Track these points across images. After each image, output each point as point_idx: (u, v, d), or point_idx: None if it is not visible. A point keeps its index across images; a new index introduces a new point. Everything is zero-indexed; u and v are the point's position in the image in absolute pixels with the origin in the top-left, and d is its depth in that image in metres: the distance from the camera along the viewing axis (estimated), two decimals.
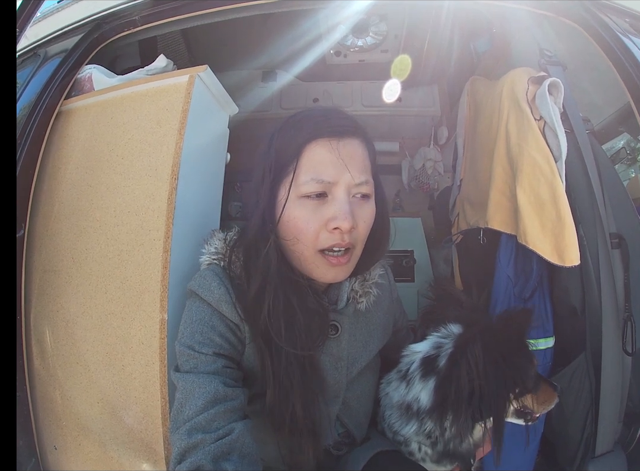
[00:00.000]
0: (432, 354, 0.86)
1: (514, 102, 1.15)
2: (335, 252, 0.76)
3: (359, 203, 0.77)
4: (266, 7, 1.22)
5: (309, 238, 0.74)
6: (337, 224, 0.72)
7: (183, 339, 0.75)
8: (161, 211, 0.98)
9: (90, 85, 1.20)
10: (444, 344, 0.86)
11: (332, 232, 0.74)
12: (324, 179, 0.73)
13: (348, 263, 0.78)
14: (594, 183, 1.05)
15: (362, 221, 0.77)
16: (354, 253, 0.78)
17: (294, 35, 1.68)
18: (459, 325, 0.88)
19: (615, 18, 1.17)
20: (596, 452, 1.04)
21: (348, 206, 0.73)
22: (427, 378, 0.85)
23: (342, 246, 0.75)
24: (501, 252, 1.22)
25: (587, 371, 1.07)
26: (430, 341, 0.89)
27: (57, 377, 1.05)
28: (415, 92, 2.32)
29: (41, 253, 1.11)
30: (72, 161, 1.13)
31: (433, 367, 0.84)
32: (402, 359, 0.93)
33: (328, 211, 0.74)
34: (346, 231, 0.73)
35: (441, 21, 1.65)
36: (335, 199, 0.74)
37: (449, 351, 0.83)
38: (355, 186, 0.75)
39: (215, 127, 1.22)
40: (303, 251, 0.76)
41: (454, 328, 0.88)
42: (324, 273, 0.77)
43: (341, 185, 0.74)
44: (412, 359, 0.90)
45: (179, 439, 0.66)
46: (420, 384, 0.85)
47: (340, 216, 0.72)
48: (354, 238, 0.76)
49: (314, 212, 0.74)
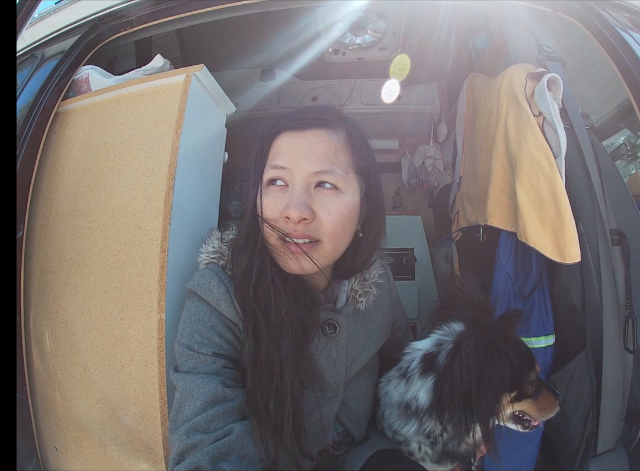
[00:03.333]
0: (433, 351, 0.86)
1: (513, 98, 1.14)
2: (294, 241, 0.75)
3: (323, 195, 0.75)
4: (262, 6, 1.22)
5: (271, 225, 0.75)
6: (286, 213, 0.73)
7: (182, 340, 0.75)
8: (158, 211, 0.98)
9: (87, 86, 1.20)
10: (445, 342, 0.85)
11: (285, 221, 0.74)
12: (277, 164, 0.75)
13: (311, 253, 0.76)
14: (593, 179, 1.05)
15: (326, 214, 0.74)
16: (320, 246, 0.76)
17: (292, 34, 1.67)
18: (462, 323, 0.88)
19: (614, 13, 1.17)
20: (597, 450, 1.03)
21: (301, 196, 0.73)
22: (426, 375, 0.84)
23: (295, 236, 0.74)
24: (501, 249, 1.21)
25: (588, 369, 1.07)
26: (432, 339, 0.89)
27: (57, 378, 1.05)
28: (415, 90, 2.31)
29: (40, 254, 1.11)
30: (70, 161, 1.14)
31: (432, 364, 0.84)
32: (403, 357, 0.93)
33: (285, 199, 0.74)
34: (295, 221, 0.72)
35: (439, 18, 1.64)
36: (292, 188, 0.75)
37: (449, 347, 0.83)
38: (314, 174, 0.74)
39: (213, 126, 1.22)
40: (268, 238, 0.76)
41: (456, 326, 0.88)
42: (286, 261, 0.76)
43: (297, 173, 0.74)
44: (413, 356, 0.89)
45: (177, 439, 0.66)
46: (419, 381, 0.85)
47: (290, 205, 0.73)
48: (314, 230, 0.75)
49: (275, 199, 0.76)
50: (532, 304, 1.15)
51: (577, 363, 1.09)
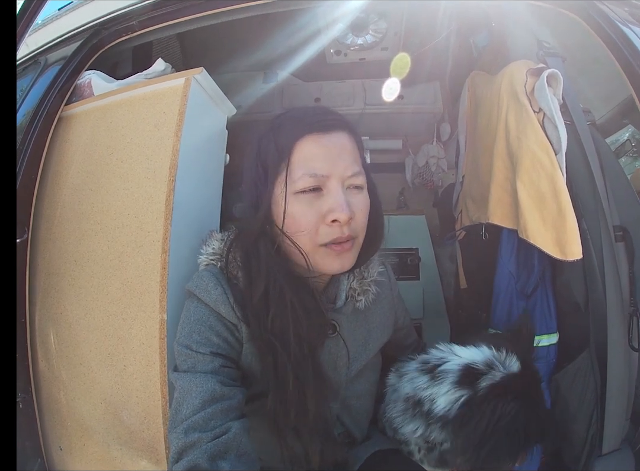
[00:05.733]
0: (478, 368, 0.80)
1: (513, 95, 1.14)
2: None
3: (353, 194, 0.77)
4: (265, 8, 1.23)
5: (309, 232, 0.74)
6: (335, 216, 0.73)
7: (181, 339, 0.76)
8: (159, 212, 0.99)
9: (90, 90, 1.22)
10: (495, 367, 0.80)
11: (331, 226, 0.74)
12: (317, 173, 0.73)
13: (352, 250, 0.78)
14: (595, 175, 1.03)
15: (359, 210, 0.77)
16: (357, 241, 0.79)
17: (293, 33, 1.67)
18: (518, 364, 0.81)
19: (614, 7, 1.15)
20: (602, 450, 1.02)
21: (344, 198, 0.74)
22: (460, 387, 0.79)
23: (342, 239, 0.75)
24: (503, 247, 1.21)
25: (592, 368, 1.05)
26: (483, 354, 0.82)
27: (62, 378, 1.07)
28: (417, 90, 2.30)
29: (44, 256, 1.13)
30: (73, 165, 1.15)
31: (471, 381, 0.79)
32: (432, 352, 0.89)
33: (325, 204, 0.74)
34: (345, 223, 0.73)
35: (440, 17, 1.63)
36: (330, 192, 0.74)
37: (496, 381, 0.78)
38: (349, 178, 0.76)
39: (213, 128, 1.23)
40: (304, 246, 0.76)
41: (513, 363, 0.81)
42: (330, 264, 0.77)
43: (334, 178, 0.74)
44: (449, 358, 0.84)
45: (176, 438, 0.66)
46: (448, 387, 0.79)
47: (337, 208, 0.72)
48: (354, 229, 0.76)
49: (311, 206, 0.74)
50: (535, 303, 1.14)
51: (580, 361, 1.07)
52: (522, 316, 1.00)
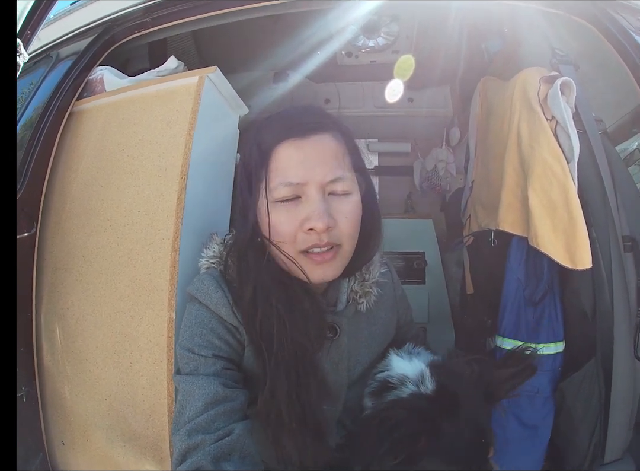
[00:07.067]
0: (393, 384, 0.76)
1: (526, 102, 1.14)
2: (317, 250, 0.74)
3: (337, 200, 0.74)
4: (278, 8, 1.22)
5: (288, 241, 0.73)
6: (310, 225, 0.71)
7: (183, 342, 0.76)
8: (170, 210, 0.99)
9: (101, 86, 1.22)
10: (406, 385, 0.74)
11: (308, 233, 0.72)
12: (291, 181, 0.71)
13: (334, 260, 0.75)
14: (606, 185, 1.03)
15: (344, 217, 0.74)
16: (341, 250, 0.76)
17: (305, 36, 1.67)
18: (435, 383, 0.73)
19: (628, 16, 1.15)
20: (605, 459, 1.02)
21: (322, 206, 0.71)
22: (371, 398, 0.81)
23: (320, 246, 0.73)
24: (512, 254, 1.20)
25: (597, 377, 1.05)
26: (414, 369, 0.77)
27: (67, 373, 1.07)
28: (427, 93, 2.30)
29: (52, 251, 1.13)
30: (83, 160, 1.15)
31: (382, 393, 0.77)
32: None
33: (302, 212, 0.72)
34: (321, 231, 0.71)
35: (452, 21, 1.63)
36: (308, 199, 0.72)
37: (400, 398, 0.73)
38: (329, 184, 0.73)
39: (225, 128, 1.23)
40: (288, 253, 0.74)
41: (429, 381, 0.73)
42: (310, 273, 0.75)
43: (312, 185, 0.72)
44: (388, 368, 0.82)
45: (179, 440, 0.66)
46: (367, 396, 0.82)
47: (313, 217, 0.70)
48: (336, 237, 0.74)
49: (289, 214, 0.72)
50: (543, 311, 1.14)
51: (586, 370, 1.08)
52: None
